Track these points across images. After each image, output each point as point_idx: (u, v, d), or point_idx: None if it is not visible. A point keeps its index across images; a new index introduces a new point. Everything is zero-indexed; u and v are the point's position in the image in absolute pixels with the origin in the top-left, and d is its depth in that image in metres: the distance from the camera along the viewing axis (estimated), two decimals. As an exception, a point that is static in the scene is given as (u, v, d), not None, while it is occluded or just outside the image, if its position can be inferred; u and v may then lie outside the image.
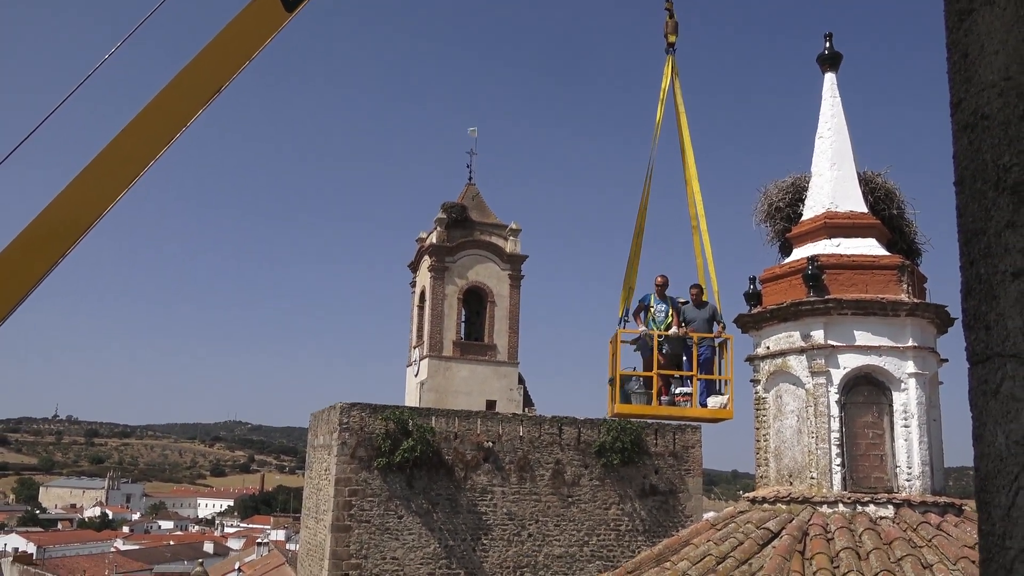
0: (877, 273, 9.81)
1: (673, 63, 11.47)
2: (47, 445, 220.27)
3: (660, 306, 11.34)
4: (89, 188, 5.72)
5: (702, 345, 10.89)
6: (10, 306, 5.50)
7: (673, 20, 11.57)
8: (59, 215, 5.65)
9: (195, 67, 6.05)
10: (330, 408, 24.84)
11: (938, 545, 8.17)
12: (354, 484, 23.18)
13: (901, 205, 11.47)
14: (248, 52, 6.19)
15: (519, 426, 25.07)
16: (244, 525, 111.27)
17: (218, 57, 6.10)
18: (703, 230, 11.04)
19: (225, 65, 6.10)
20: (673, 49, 11.58)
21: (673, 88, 11.36)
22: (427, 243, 29.53)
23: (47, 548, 74.53)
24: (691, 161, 11.20)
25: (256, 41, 6.21)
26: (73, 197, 5.70)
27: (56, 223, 5.64)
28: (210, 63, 6.09)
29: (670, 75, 11.39)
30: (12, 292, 5.50)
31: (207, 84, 6.05)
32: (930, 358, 9.77)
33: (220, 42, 6.13)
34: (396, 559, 23.11)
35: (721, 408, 10.48)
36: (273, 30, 6.27)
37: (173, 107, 5.95)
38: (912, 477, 9.19)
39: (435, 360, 27.81)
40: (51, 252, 5.60)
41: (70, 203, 5.68)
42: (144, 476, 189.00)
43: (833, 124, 10.98)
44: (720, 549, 8.68)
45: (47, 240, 5.61)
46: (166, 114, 5.92)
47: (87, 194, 5.71)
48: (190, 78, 6.03)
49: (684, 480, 26.20)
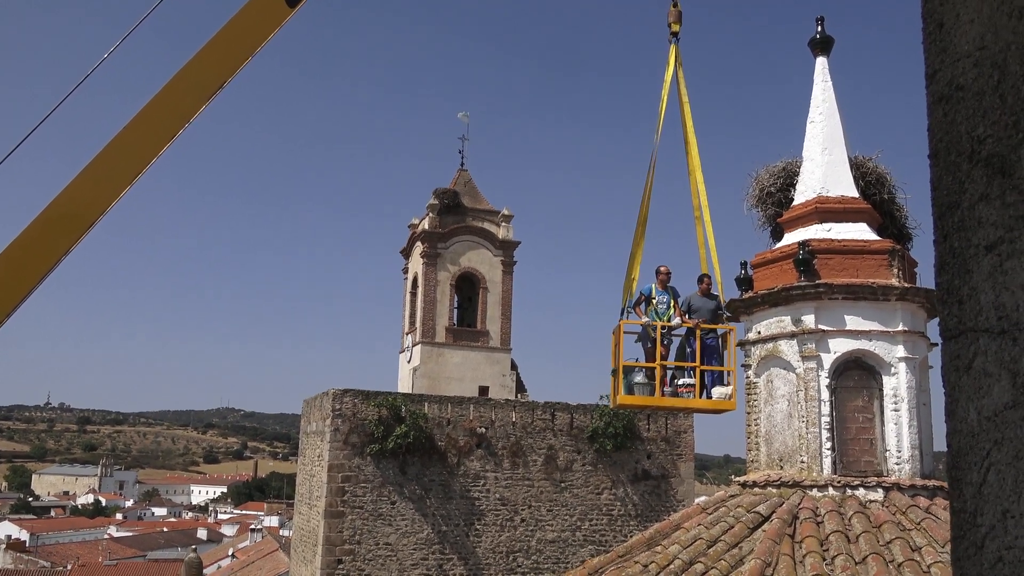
0: (868, 258, 9.82)
1: (677, 52, 11.40)
2: (39, 432, 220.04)
3: (662, 297, 11.32)
4: (93, 184, 5.72)
5: (708, 336, 10.89)
6: (16, 301, 5.49)
7: (677, 9, 11.50)
8: (63, 210, 5.64)
9: (197, 63, 6.05)
10: (323, 395, 24.83)
11: (927, 528, 8.21)
12: (347, 470, 23.20)
13: (892, 190, 11.45)
14: (250, 48, 6.20)
15: (512, 412, 25.11)
16: (237, 512, 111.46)
17: (220, 53, 6.10)
18: (706, 221, 11.01)
19: (227, 61, 6.11)
20: (677, 38, 11.51)
21: (676, 77, 11.30)
22: (419, 229, 29.46)
23: (40, 535, 74.52)
24: (694, 151, 11.15)
25: (258, 37, 6.22)
26: (78, 193, 5.69)
27: (60, 219, 5.64)
28: (213, 59, 6.09)
29: (673, 64, 11.34)
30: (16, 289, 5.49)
31: (210, 80, 6.06)
32: (920, 342, 9.80)
33: (222, 38, 6.13)
34: (389, 544, 23.17)
35: (725, 399, 10.45)
36: (275, 26, 6.28)
37: (176, 103, 5.95)
38: (902, 461, 9.23)
39: (428, 346, 27.81)
40: (54, 248, 5.59)
41: (74, 199, 5.67)
42: (137, 463, 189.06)
43: (824, 109, 10.96)
44: (711, 533, 8.71)
45: (51, 235, 5.60)
46: (169, 110, 5.92)
47: (91, 190, 5.71)
48: (193, 74, 6.02)
49: (676, 465, 26.30)
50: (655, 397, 10.76)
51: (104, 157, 5.75)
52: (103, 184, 5.72)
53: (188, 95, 5.97)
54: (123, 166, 5.77)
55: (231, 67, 6.10)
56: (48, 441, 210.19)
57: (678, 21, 11.49)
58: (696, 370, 10.70)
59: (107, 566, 56.04)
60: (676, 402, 11.15)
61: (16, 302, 5.50)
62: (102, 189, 5.71)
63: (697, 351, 10.72)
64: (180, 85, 5.98)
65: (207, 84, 6.02)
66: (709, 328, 10.83)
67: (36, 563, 60.42)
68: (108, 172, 5.74)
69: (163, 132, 5.88)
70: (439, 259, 28.52)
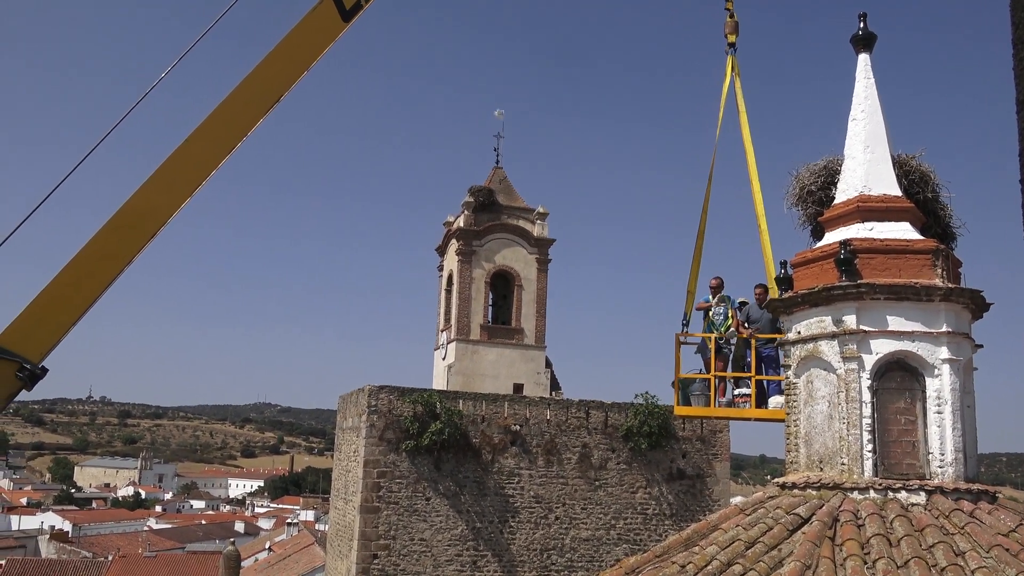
0: (911, 257, 9.66)
1: (734, 62, 11.37)
2: (81, 425, 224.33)
3: (719, 308, 11.30)
4: (157, 193, 5.86)
5: (766, 347, 10.83)
6: (85, 305, 5.65)
7: (733, 20, 11.49)
8: (129, 218, 5.78)
9: (256, 78, 6.18)
10: (359, 391, 25.01)
11: (971, 532, 8.08)
12: (382, 466, 23.36)
13: (936, 189, 11.26)
14: (306, 62, 6.33)
15: (546, 410, 25.11)
16: (274, 505, 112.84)
17: (277, 68, 6.23)
18: (763, 229, 10.95)
19: (284, 75, 6.25)
20: (734, 49, 11.48)
21: (734, 87, 11.26)
22: (454, 227, 29.54)
23: (82, 526, 76.03)
24: (752, 160, 11.10)
25: (314, 51, 6.34)
26: (142, 201, 5.83)
27: (126, 226, 5.77)
28: (270, 74, 6.22)
29: (730, 74, 11.31)
30: (85, 295, 5.65)
31: (267, 94, 6.19)
32: (964, 344, 9.63)
33: (279, 54, 6.26)
34: (424, 540, 23.30)
35: (782, 408, 10.40)
36: (330, 40, 6.40)
37: (235, 117, 6.08)
38: (945, 464, 9.08)
39: (463, 343, 27.89)
40: (123, 252, 5.74)
41: (139, 207, 5.80)
42: (176, 456, 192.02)
43: (867, 106, 10.80)
44: (749, 534, 8.64)
45: (119, 241, 5.75)
46: (228, 123, 6.06)
47: (155, 199, 5.85)
48: (251, 88, 6.16)
49: (711, 464, 26.12)
50: (710, 408, 10.81)
51: (167, 168, 5.90)
52: (168, 193, 5.86)
53: (246, 109, 6.10)
54: (187, 176, 5.90)
55: (288, 81, 6.23)
56: (90, 434, 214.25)
57: (734, 32, 11.46)
58: (752, 380, 10.66)
59: (147, 557, 56.97)
60: (731, 412, 11.17)
61: (86, 306, 5.65)
62: (167, 198, 5.85)
63: (752, 361, 10.67)
64: (238, 100, 6.10)
65: (264, 98, 6.15)
66: (767, 338, 10.77)
67: (78, 553, 61.61)
68: (172, 182, 5.87)
69: (222, 144, 6.01)
70: (474, 256, 28.58)
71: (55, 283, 5.58)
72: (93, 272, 5.65)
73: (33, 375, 5.35)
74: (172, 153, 5.92)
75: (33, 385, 5.41)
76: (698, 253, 11.10)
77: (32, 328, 5.43)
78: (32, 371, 5.34)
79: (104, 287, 5.69)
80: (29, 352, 5.36)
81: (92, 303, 5.67)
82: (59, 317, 5.54)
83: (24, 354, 5.33)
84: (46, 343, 5.44)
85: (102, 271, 5.68)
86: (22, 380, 5.33)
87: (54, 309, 5.53)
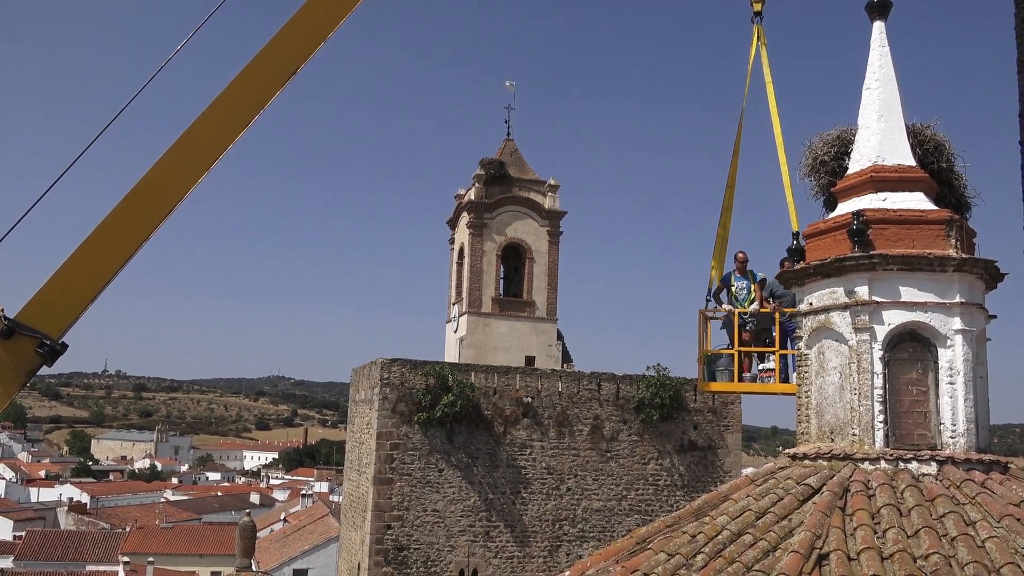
0: (924, 228, 9.58)
1: (760, 32, 11.18)
2: (97, 399, 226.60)
3: (741, 283, 11.25)
4: (174, 168, 5.85)
5: (791, 321, 10.79)
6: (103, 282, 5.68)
7: None
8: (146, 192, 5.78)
9: (273, 48, 6.12)
10: (371, 364, 25.15)
11: (982, 502, 8.08)
12: (395, 438, 23.54)
13: (951, 158, 11.13)
14: (324, 32, 6.25)
15: (558, 382, 25.20)
16: (288, 477, 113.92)
17: (295, 38, 6.17)
18: (791, 202, 10.85)
19: (302, 46, 6.18)
20: (760, 18, 11.28)
21: (760, 57, 11.10)
22: (465, 199, 29.49)
23: (100, 498, 77.14)
24: (779, 131, 10.97)
25: (332, 19, 6.26)
26: (158, 177, 5.83)
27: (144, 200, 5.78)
28: (287, 44, 6.16)
29: (756, 44, 11.13)
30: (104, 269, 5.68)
31: (286, 65, 6.14)
32: (978, 314, 9.57)
33: (296, 23, 6.19)
34: (437, 511, 23.52)
35: None
36: (347, 11, 6.33)
37: (252, 89, 6.04)
38: (956, 434, 9.07)
39: (474, 316, 27.95)
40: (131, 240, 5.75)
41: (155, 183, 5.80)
42: (191, 429, 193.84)
43: (881, 75, 10.65)
44: (760, 504, 8.67)
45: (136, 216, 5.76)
46: (244, 96, 6.01)
47: (171, 174, 5.85)
48: (267, 61, 6.10)
49: (723, 436, 26.20)
50: (735, 383, 10.82)
51: (182, 143, 5.89)
52: (182, 168, 5.85)
53: (264, 81, 6.07)
54: (201, 151, 5.88)
55: (306, 51, 6.17)
56: (106, 407, 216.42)
57: (760, 1, 11.27)
58: (776, 355, 10.65)
59: (164, 528, 57.77)
60: (756, 387, 11.16)
61: (104, 281, 5.68)
62: (183, 173, 5.85)
63: (776, 336, 10.65)
64: (256, 71, 6.06)
65: (283, 69, 6.11)
66: (792, 312, 10.74)
67: (96, 524, 62.57)
68: (187, 157, 5.86)
69: (238, 118, 5.98)
70: (485, 229, 28.55)
71: (73, 259, 5.61)
72: (111, 247, 5.68)
73: (53, 351, 5.39)
74: (188, 128, 5.91)
75: (53, 361, 5.45)
76: (724, 228, 11.01)
77: (51, 304, 5.47)
78: (52, 347, 5.38)
79: (122, 262, 5.72)
80: (49, 328, 5.40)
81: (111, 278, 5.70)
82: (78, 293, 5.57)
83: (44, 330, 5.38)
84: (65, 319, 5.48)
85: (120, 246, 5.70)
86: (42, 356, 5.38)
87: (73, 285, 5.56)
